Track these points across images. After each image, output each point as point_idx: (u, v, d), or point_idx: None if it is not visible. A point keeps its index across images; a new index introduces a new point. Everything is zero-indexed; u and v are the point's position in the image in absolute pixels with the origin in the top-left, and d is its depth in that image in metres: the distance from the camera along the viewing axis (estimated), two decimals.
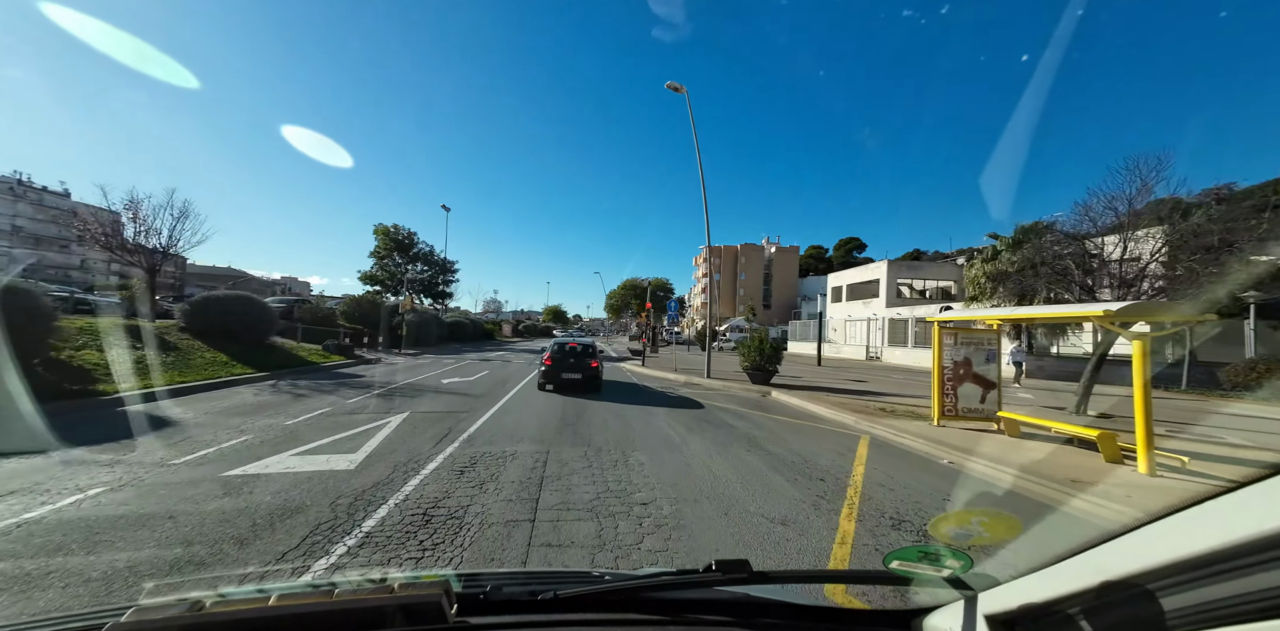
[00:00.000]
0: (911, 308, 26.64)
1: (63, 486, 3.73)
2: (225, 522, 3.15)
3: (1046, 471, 4.78)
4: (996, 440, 6.33)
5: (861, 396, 10.66)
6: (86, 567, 2.52)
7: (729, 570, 0.93)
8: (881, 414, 8.38)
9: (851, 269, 37.27)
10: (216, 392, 8.35)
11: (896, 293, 30.34)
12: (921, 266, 30.89)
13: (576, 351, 10.56)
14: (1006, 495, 4.47)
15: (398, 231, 28.92)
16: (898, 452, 5.94)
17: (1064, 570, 0.76)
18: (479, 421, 6.76)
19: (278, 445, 5.11)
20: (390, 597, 0.79)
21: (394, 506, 3.55)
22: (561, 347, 10.65)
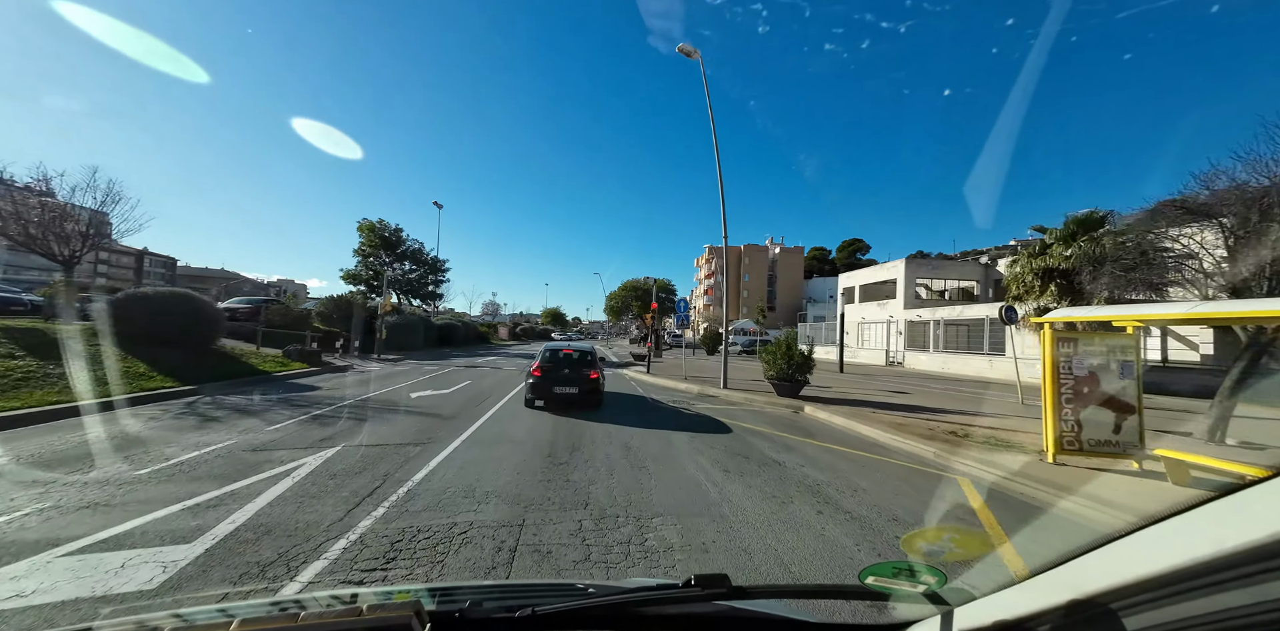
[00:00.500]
0: (933, 309, 24.84)
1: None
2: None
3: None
4: (1168, 492, 4.49)
5: (914, 413, 8.82)
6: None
7: (708, 585, 0.93)
8: (958, 441, 6.54)
9: (865, 269, 35.51)
10: (91, 418, 6.12)
11: (915, 293, 28.56)
12: (942, 265, 29.15)
13: (572, 360, 8.72)
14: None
15: (384, 227, 27.04)
16: (1034, 511, 4.10)
17: (1038, 585, 0.75)
18: (434, 461, 4.90)
19: (67, 527, 3.04)
20: (357, 620, 0.76)
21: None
22: (554, 355, 8.81)
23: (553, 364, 8.50)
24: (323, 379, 11.53)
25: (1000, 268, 26.67)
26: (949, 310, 22.74)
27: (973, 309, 21.18)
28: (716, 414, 8.72)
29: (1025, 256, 14.78)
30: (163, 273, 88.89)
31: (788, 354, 10.65)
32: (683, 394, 11.77)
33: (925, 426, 7.57)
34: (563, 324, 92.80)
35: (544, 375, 8.26)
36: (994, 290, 27.45)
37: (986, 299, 27.50)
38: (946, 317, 21.53)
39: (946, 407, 9.66)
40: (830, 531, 3.47)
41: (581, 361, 8.70)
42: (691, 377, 14.63)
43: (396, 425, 6.63)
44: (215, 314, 11.21)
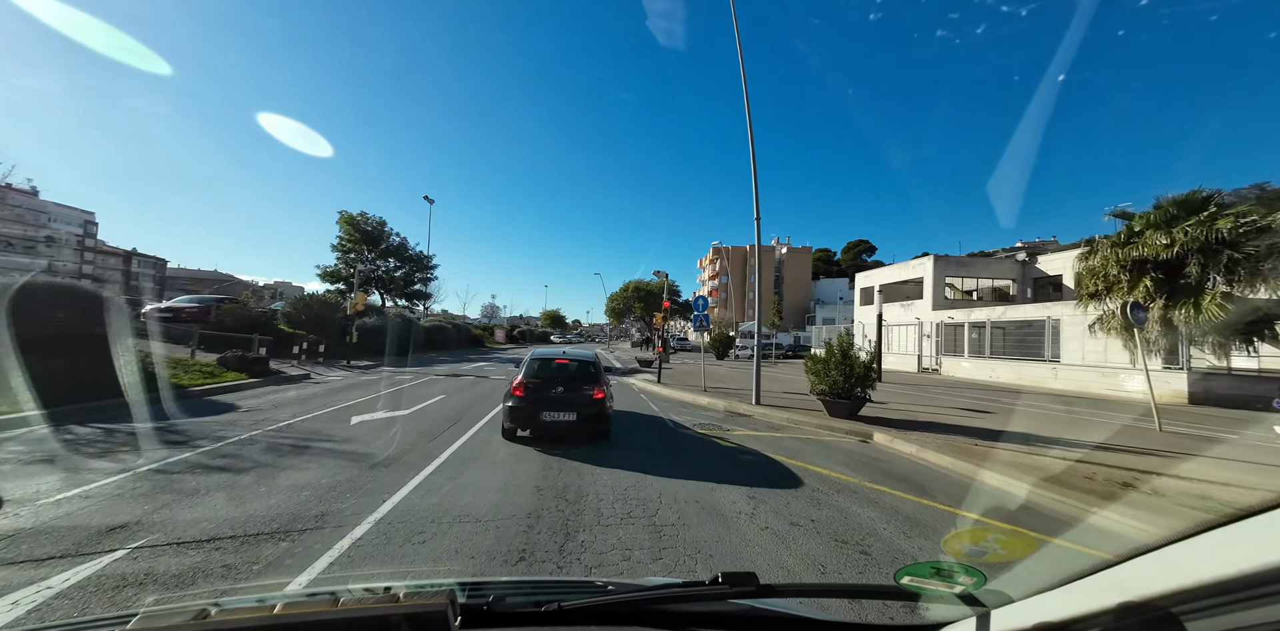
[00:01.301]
0: (967, 310, 22.52)
1: None
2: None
3: None
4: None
5: (1034, 447, 6.44)
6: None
7: (736, 582, 0.92)
8: (1165, 505, 4.19)
9: (885, 267, 33.22)
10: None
11: (945, 293, 26.25)
12: (973, 263, 26.82)
13: (568, 373, 6.33)
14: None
15: (365, 220, 24.68)
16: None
17: (1083, 588, 0.73)
18: (297, 581, 2.55)
19: None
20: (395, 607, 0.77)
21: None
22: (544, 366, 6.41)
23: (541, 379, 6.12)
24: (254, 394, 9.16)
25: (1041, 265, 24.37)
26: (989, 311, 20.41)
27: (1022, 309, 18.84)
28: (765, 447, 6.35)
29: (1108, 246, 12.49)
30: (152, 274, 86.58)
31: (844, 363, 8.30)
32: (706, 412, 9.41)
33: (1080, 474, 5.20)
34: (562, 326, 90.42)
35: (529, 394, 5.90)
36: (1033, 289, 25.14)
37: (1024, 298, 25.19)
38: (993, 319, 19.16)
39: (1065, 438, 7.27)
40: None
41: (581, 375, 6.31)
42: (713, 390, 12.28)
43: (283, 483, 4.23)
44: (119, 313, 8.85)
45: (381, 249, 25.67)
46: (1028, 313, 18.31)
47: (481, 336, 41.90)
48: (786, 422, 8.47)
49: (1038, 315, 17.70)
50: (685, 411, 9.40)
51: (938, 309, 25.23)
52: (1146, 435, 7.59)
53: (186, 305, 15.19)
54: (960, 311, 22.97)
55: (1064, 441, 6.88)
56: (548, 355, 6.66)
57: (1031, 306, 18.61)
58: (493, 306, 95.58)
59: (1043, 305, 18.15)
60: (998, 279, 26.49)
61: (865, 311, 34.09)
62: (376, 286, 25.75)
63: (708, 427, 7.70)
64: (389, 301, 27.21)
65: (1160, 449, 6.62)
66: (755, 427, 7.90)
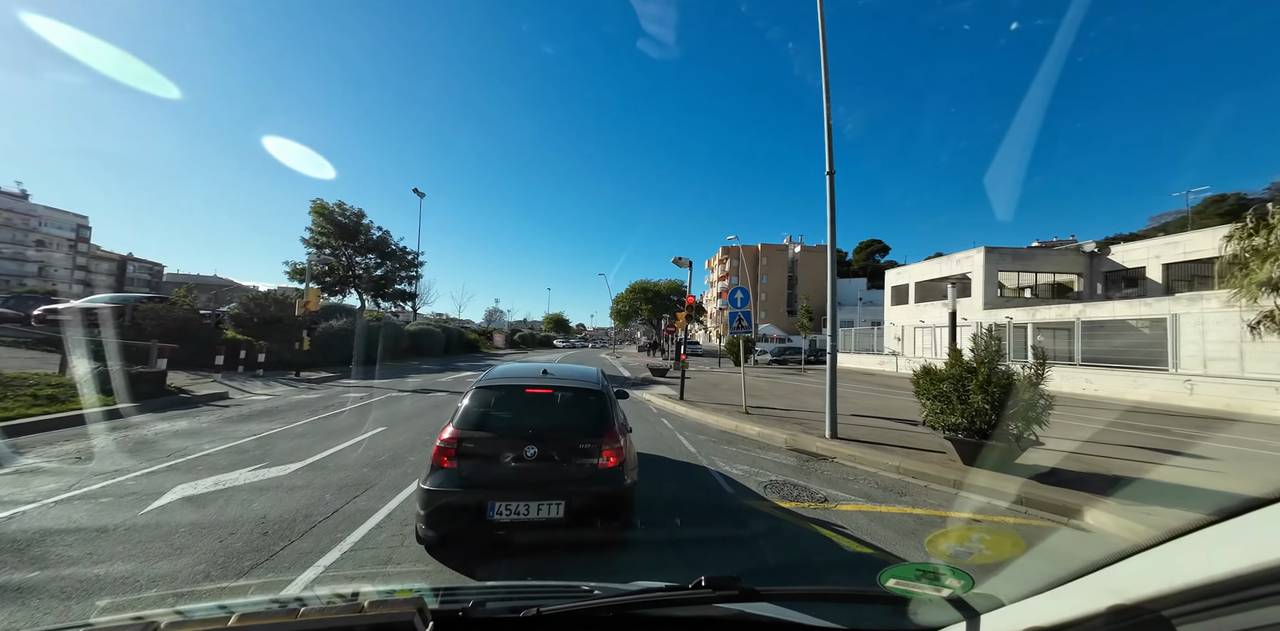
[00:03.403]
0: (1030, 309, 19.29)
1: None
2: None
3: None
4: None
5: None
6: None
7: (719, 586, 0.90)
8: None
9: (922, 262, 30.02)
10: None
11: (999, 289, 23.02)
12: (1031, 256, 23.57)
13: (549, 412, 3.31)
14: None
15: (341, 210, 21.86)
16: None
17: (1074, 591, 0.71)
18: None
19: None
20: (359, 617, 0.74)
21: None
22: (505, 399, 3.33)
23: (494, 430, 3.08)
24: (74, 435, 6.18)
25: (1115, 257, 21.09)
26: (1066, 309, 17.17)
27: (1114, 306, 15.56)
28: (923, 551, 3.28)
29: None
30: (148, 279, 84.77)
31: (992, 384, 5.21)
32: (764, 452, 6.30)
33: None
34: (566, 330, 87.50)
35: (465, 466, 2.88)
36: (1104, 284, 21.85)
37: (1092, 295, 21.90)
38: (1086, 318, 15.90)
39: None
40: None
41: (576, 419, 3.29)
42: (755, 411, 9.20)
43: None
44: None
45: (359, 243, 22.78)
46: (1129, 310, 15.04)
47: (477, 341, 38.88)
48: (899, 475, 5.39)
49: (1154, 312, 14.43)
50: (733, 451, 6.33)
51: (991, 307, 22.01)
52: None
53: (94, 306, 12.33)
54: (1022, 310, 19.74)
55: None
56: (513, 376, 3.57)
57: (1126, 303, 15.36)
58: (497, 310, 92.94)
59: (1143, 301, 14.92)
60: (1059, 273, 23.22)
61: (899, 312, 30.87)
62: (353, 285, 22.84)
63: (784, 490, 4.62)
64: (369, 302, 24.30)
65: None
66: (859, 489, 4.82)
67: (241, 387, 10.85)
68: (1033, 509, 4.29)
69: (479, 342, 38.94)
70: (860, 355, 29.77)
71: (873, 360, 28.66)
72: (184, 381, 10.54)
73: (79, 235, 76.12)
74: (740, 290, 9.57)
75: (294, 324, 15.46)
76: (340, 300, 24.17)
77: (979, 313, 22.23)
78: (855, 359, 29.20)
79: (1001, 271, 23.31)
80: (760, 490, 4.65)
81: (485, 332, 47.92)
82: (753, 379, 18.48)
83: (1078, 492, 4.44)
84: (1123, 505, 4.10)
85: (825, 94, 7.55)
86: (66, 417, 6.43)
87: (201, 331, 13.51)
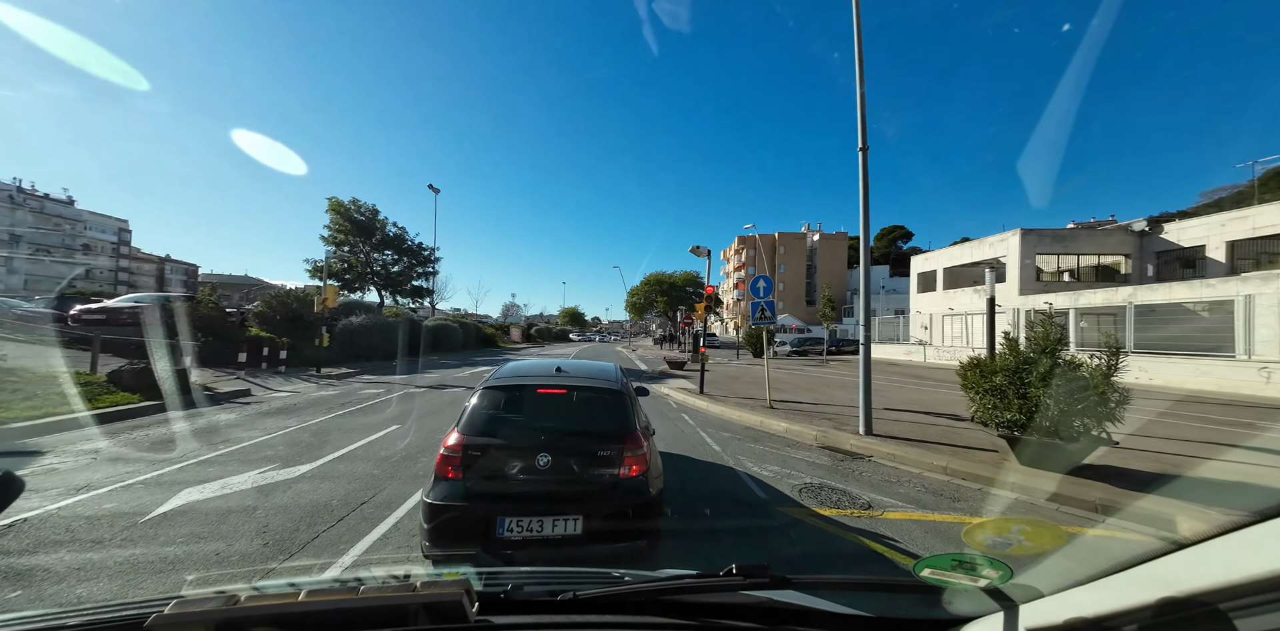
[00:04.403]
0: (1073, 293, 18.08)
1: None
2: None
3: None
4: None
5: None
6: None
7: (750, 574, 0.93)
8: None
9: (950, 247, 28.60)
10: None
11: (1036, 274, 21.70)
12: (1072, 237, 22.04)
13: (564, 416, 2.94)
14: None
15: (356, 207, 21.96)
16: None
17: (1119, 583, 0.70)
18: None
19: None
20: (412, 596, 0.80)
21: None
22: (516, 400, 3.01)
23: (503, 436, 2.76)
24: (100, 434, 6.19)
25: (1170, 236, 19.51)
26: (1114, 292, 15.97)
27: (1173, 288, 14.33)
28: None
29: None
30: (184, 280, 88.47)
31: (1053, 376, 4.64)
32: (794, 450, 5.87)
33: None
34: (582, 324, 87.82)
35: (472, 477, 2.58)
36: (1156, 265, 20.31)
37: (1142, 277, 20.40)
38: (1139, 302, 14.76)
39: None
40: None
41: (594, 423, 2.92)
42: (780, 406, 8.75)
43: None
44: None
45: (376, 240, 22.91)
46: (1189, 292, 13.82)
47: (494, 336, 39.17)
48: (947, 476, 4.91)
49: (1200, 295, 13.26)
50: (761, 450, 5.93)
51: (1027, 293, 20.77)
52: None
53: (125, 305, 12.63)
54: (1062, 295, 18.52)
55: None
56: (523, 375, 3.23)
57: (1185, 285, 14.13)
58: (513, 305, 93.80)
59: (1205, 282, 13.70)
60: (1104, 254, 21.71)
61: (926, 299, 29.61)
62: (371, 281, 23.05)
63: (821, 495, 4.21)
64: (388, 298, 24.53)
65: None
66: (906, 493, 4.36)
67: (264, 384, 10.96)
68: (1114, 519, 3.77)
69: (496, 337, 39.25)
70: (885, 345, 28.73)
71: (898, 350, 27.63)
72: (209, 379, 10.70)
73: (120, 238, 79.75)
74: (763, 279, 9.05)
75: (314, 321, 15.62)
76: (359, 297, 24.51)
77: (1014, 298, 21.04)
78: (880, 349, 28.17)
79: (1039, 254, 21.93)
80: (795, 494, 4.25)
81: (502, 327, 48.32)
82: (774, 371, 17.95)
83: (1168, 500, 3.89)
84: (1227, 516, 3.55)
85: (858, 53, 6.88)
86: (96, 415, 6.47)
87: (226, 329, 13.76)
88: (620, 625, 0.91)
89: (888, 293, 50.28)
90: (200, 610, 0.75)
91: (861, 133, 6.84)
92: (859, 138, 6.85)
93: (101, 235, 76.21)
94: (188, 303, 13.43)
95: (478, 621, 0.84)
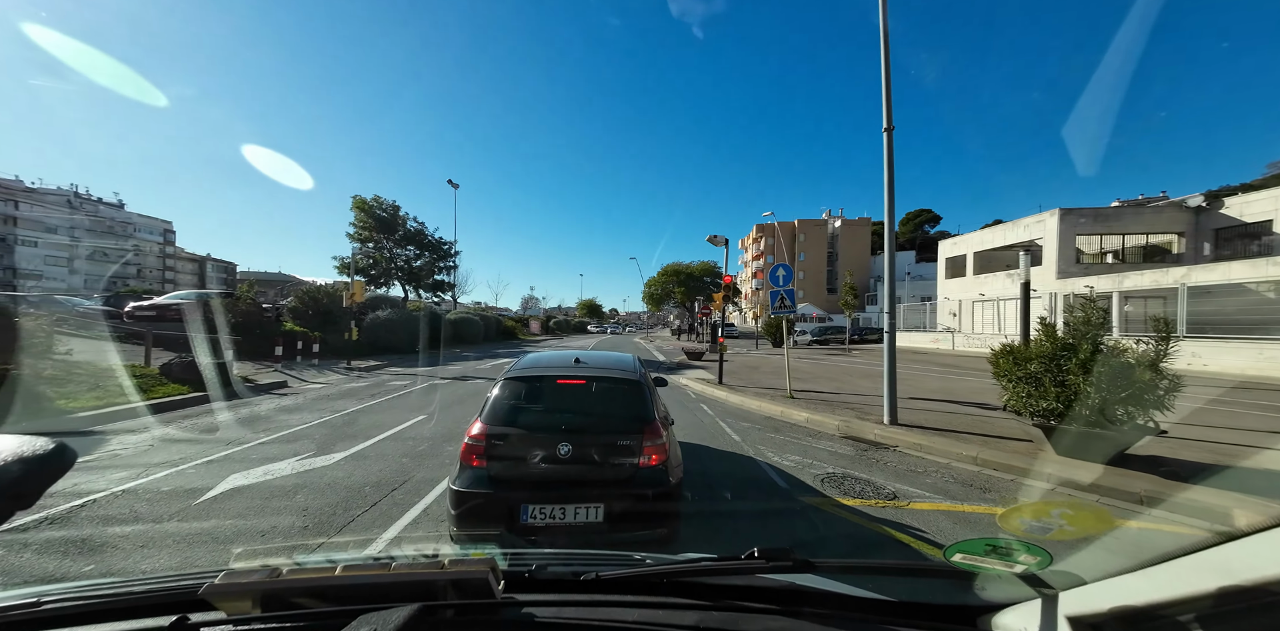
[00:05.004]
0: (1117, 276, 17.02)
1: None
2: None
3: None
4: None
5: None
6: None
7: (773, 558, 0.93)
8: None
9: (981, 230, 27.32)
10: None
11: (1076, 256, 20.51)
12: (1119, 216, 20.68)
13: (584, 405, 2.97)
14: None
15: (379, 204, 22.51)
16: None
17: (1172, 570, 0.67)
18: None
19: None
20: (441, 573, 0.84)
21: None
22: (536, 390, 3.05)
23: (524, 425, 2.81)
24: (157, 422, 6.62)
25: (1231, 210, 18.04)
26: (1164, 273, 14.95)
27: (1250, 266, 13.24)
28: None
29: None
30: (224, 277, 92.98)
31: (1094, 361, 4.39)
32: (816, 440, 5.78)
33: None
34: (599, 316, 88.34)
35: (495, 466, 2.64)
36: (1214, 243, 18.88)
37: (1197, 257, 19.01)
38: (1192, 283, 13.81)
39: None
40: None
41: (613, 412, 2.96)
42: (801, 396, 8.63)
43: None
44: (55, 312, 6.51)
45: (398, 236, 23.47)
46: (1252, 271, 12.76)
47: (514, 328, 39.87)
48: (977, 467, 4.76)
49: (1266, 274, 12.24)
50: (781, 439, 5.87)
51: (1066, 276, 19.70)
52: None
53: (172, 302, 13.39)
54: (1105, 278, 17.48)
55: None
56: (543, 366, 3.27)
57: (1247, 264, 13.08)
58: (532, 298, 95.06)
59: (1271, 260, 12.66)
60: (1154, 233, 20.30)
61: (954, 285, 28.47)
62: (395, 277, 23.70)
63: (844, 485, 4.15)
64: (411, 293, 25.22)
65: None
66: (933, 483, 4.26)
67: (299, 376, 11.50)
68: (1161, 511, 3.59)
69: (516, 330, 39.94)
70: (911, 333, 27.88)
71: (925, 338, 26.77)
72: (249, 371, 11.29)
73: (165, 239, 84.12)
74: (782, 267, 8.85)
75: (344, 315, 16.23)
76: (385, 292, 25.26)
77: (1051, 282, 20.01)
78: (906, 337, 27.36)
79: (1079, 235, 20.69)
80: (817, 484, 4.20)
81: (522, 320, 49.09)
82: (795, 360, 17.69)
83: (1223, 491, 3.67)
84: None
85: (883, 25, 6.51)
86: (138, 408, 6.94)
87: (263, 324, 14.44)
88: (642, 605, 0.91)
89: (914, 279, 48.56)
90: (247, 581, 0.80)
91: (887, 112, 6.52)
92: (884, 118, 6.54)
93: (149, 236, 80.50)
94: (228, 299, 14.13)
95: (503, 598, 0.86)
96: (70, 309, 16.23)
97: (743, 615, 0.90)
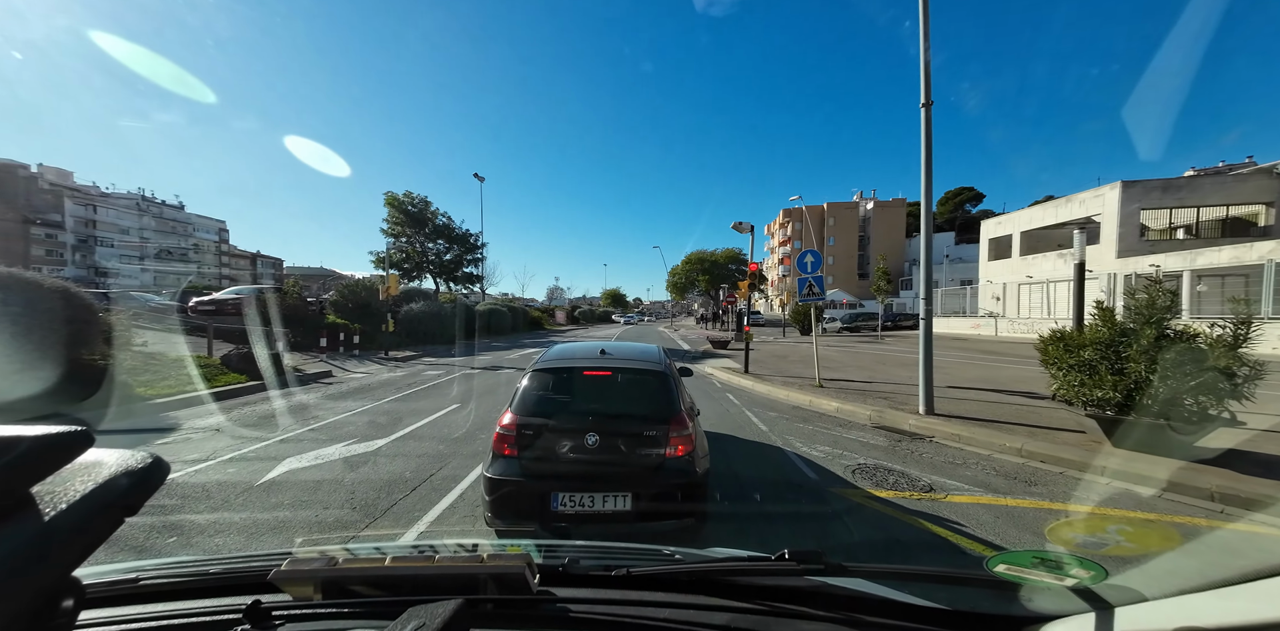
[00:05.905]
0: (1189, 253, 15.51)
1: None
2: None
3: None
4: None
5: None
6: None
7: (804, 560, 0.92)
8: None
9: (1030, 208, 25.48)
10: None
11: (1139, 232, 18.81)
12: (1193, 186, 18.73)
13: (610, 397, 3.03)
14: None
15: (410, 200, 23.22)
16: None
17: (1251, 592, 0.62)
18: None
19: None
20: (481, 566, 0.89)
21: None
22: (563, 382, 3.10)
23: (552, 416, 2.84)
24: (220, 408, 7.18)
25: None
26: (1267, 247, 13.47)
27: (1255, 252, 11.89)
28: None
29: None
30: (272, 272, 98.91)
31: (1158, 347, 4.04)
32: (846, 430, 5.64)
33: None
34: (623, 305, 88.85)
35: (526, 456, 2.71)
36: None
37: (1259, 231, 17.06)
38: (1218, 264, 12.44)
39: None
40: None
41: (638, 403, 2.98)
42: (830, 385, 8.41)
43: None
44: (76, 309, 7.20)
45: (428, 230, 24.19)
46: None
47: (541, 319, 40.65)
48: (1021, 459, 4.52)
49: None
50: (810, 430, 5.76)
51: (1128, 254, 18.14)
52: None
53: (229, 297, 14.38)
54: (1174, 256, 15.98)
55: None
56: (569, 358, 3.32)
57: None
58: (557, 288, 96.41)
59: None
60: (1234, 205, 18.31)
61: (998, 267, 26.80)
62: (427, 270, 24.54)
63: (876, 476, 4.04)
64: (442, 285, 26.09)
65: None
66: (973, 476, 4.08)
67: (341, 366, 12.18)
68: (1237, 509, 3.31)
69: (542, 320, 40.71)
70: (949, 319, 26.57)
71: (964, 324, 25.45)
72: (297, 361, 12.05)
73: (220, 237, 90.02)
74: (810, 253, 8.55)
75: (380, 308, 17.00)
76: (418, 285, 26.25)
77: (1111, 262, 18.50)
78: (943, 323, 26.11)
79: (1144, 210, 18.92)
80: (848, 475, 4.12)
81: (548, 310, 49.95)
82: (824, 349, 17.26)
83: None
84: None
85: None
86: (207, 394, 7.55)
87: (309, 317, 15.33)
88: (673, 603, 0.93)
89: (952, 261, 45.98)
90: (309, 569, 0.87)
91: (925, 87, 6.08)
92: (921, 92, 6.10)
93: (206, 235, 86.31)
94: (277, 294, 15.04)
95: (540, 592, 0.90)
96: (144, 304, 17.71)
97: (775, 619, 0.89)
